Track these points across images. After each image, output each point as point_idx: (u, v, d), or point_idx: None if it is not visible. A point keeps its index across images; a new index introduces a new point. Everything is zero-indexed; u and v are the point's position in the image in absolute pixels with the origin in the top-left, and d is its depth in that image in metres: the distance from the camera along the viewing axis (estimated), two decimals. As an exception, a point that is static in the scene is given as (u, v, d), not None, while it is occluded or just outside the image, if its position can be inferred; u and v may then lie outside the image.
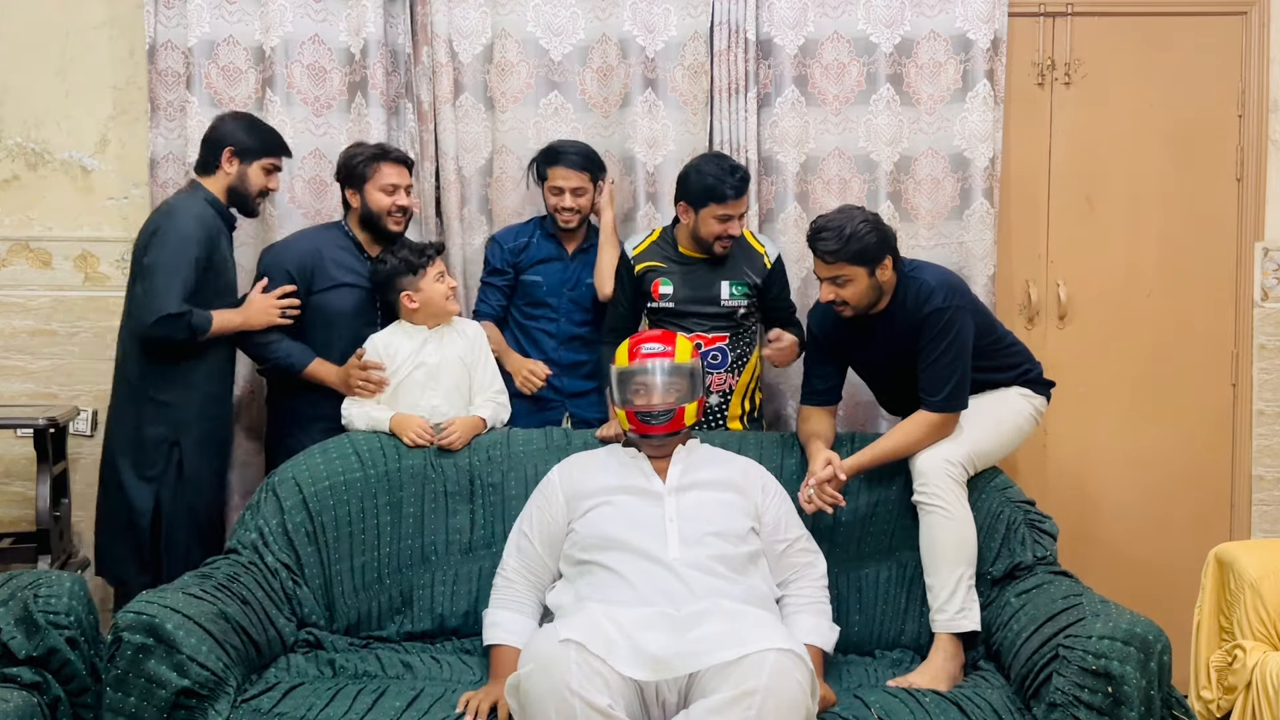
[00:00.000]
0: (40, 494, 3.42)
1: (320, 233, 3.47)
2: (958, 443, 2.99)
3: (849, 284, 2.97)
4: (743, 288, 3.38)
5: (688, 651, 2.40)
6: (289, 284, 3.32)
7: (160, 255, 3.15)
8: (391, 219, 3.37)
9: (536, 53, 3.69)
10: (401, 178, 3.38)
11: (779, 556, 2.86)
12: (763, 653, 2.31)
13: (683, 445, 2.97)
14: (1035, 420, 3.15)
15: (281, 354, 3.32)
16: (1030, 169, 3.87)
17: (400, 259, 3.27)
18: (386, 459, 3.12)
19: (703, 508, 2.80)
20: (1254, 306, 3.88)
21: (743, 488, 2.89)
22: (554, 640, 2.36)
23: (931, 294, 2.97)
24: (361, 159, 3.37)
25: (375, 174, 3.35)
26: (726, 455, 3.01)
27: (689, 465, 2.92)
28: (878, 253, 2.95)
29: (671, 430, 2.92)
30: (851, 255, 2.93)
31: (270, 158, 3.34)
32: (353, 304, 3.39)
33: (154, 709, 2.40)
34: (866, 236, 2.93)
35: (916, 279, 3.02)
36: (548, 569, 2.87)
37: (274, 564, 2.91)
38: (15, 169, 3.80)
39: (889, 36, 3.68)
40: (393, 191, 3.35)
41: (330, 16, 3.66)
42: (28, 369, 3.81)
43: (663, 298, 3.39)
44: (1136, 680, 2.36)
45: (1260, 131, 3.84)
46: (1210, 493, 3.93)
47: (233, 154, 3.31)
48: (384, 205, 3.35)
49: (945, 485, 2.92)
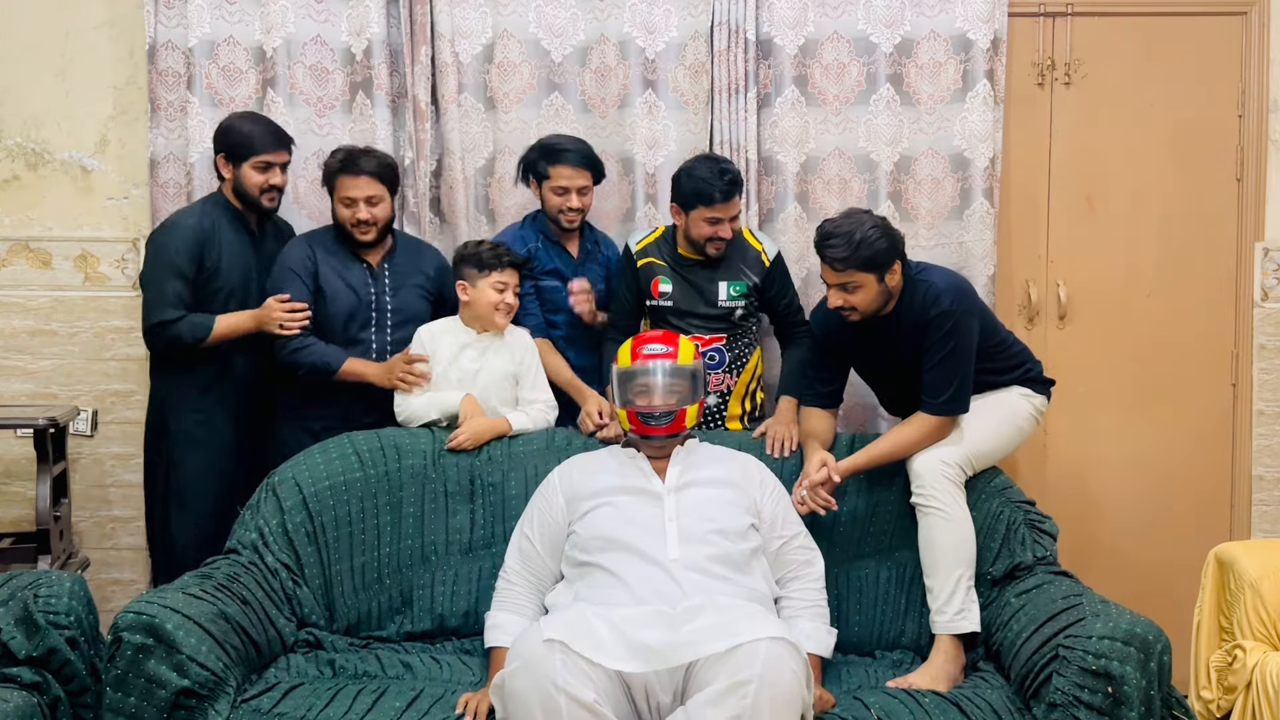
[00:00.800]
0: (40, 494, 3.41)
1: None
2: (956, 444, 2.99)
3: (858, 290, 2.94)
4: (741, 287, 3.37)
5: (681, 642, 2.40)
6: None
7: (146, 268, 3.36)
8: (358, 229, 3.33)
9: (537, 53, 3.69)
10: (360, 189, 3.30)
11: (776, 554, 2.86)
12: (755, 642, 2.32)
13: (681, 445, 2.96)
14: (1035, 420, 3.15)
15: (317, 357, 3.28)
16: (1030, 169, 3.87)
17: (475, 251, 3.27)
18: (386, 459, 3.12)
19: (702, 505, 2.80)
20: (1254, 306, 3.88)
21: (741, 484, 2.89)
22: (539, 638, 2.36)
23: (939, 296, 2.95)
24: (328, 170, 3.35)
25: (337, 188, 3.33)
26: (726, 452, 3.01)
27: (688, 464, 2.91)
28: (887, 258, 2.92)
29: (672, 432, 2.92)
30: (861, 262, 2.89)
31: (255, 157, 3.34)
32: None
33: (154, 709, 2.40)
34: (877, 243, 2.89)
35: (924, 281, 3.00)
36: (549, 570, 2.86)
37: (274, 564, 2.91)
38: (15, 169, 3.80)
39: (889, 36, 3.68)
40: (350, 204, 3.31)
41: (332, 17, 3.66)
42: (28, 369, 3.81)
43: (662, 296, 3.39)
44: (1136, 680, 2.36)
45: (1260, 131, 3.84)
46: (1210, 493, 3.93)
47: (224, 159, 3.37)
48: (344, 217, 3.33)
49: (943, 487, 2.92)
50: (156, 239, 3.37)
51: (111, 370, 3.81)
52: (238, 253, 3.38)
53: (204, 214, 3.36)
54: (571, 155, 3.40)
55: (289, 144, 3.44)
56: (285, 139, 3.43)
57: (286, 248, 3.41)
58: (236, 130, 3.37)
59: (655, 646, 2.41)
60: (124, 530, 3.85)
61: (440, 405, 3.22)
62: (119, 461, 3.83)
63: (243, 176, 3.35)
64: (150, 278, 3.32)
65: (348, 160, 3.32)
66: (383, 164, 3.33)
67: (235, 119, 3.42)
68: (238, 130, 3.37)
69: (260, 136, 3.36)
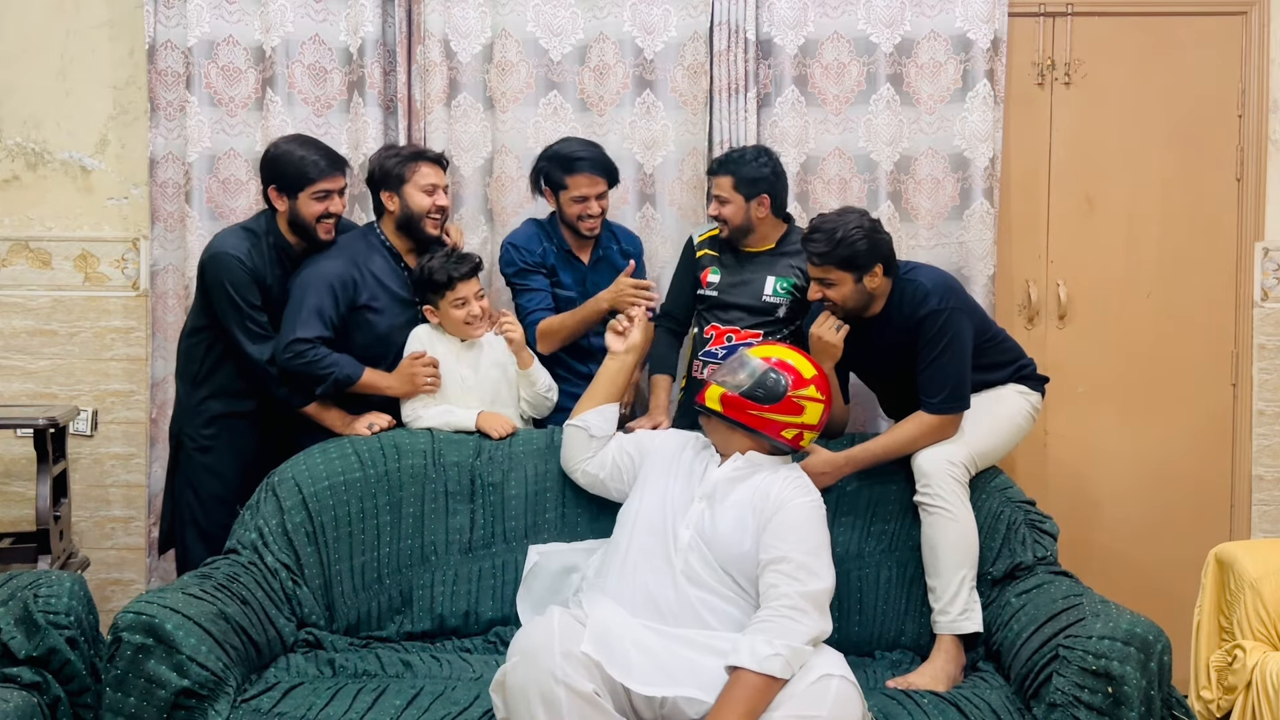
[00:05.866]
0: (40, 494, 3.41)
1: (355, 244, 3.29)
2: (959, 443, 2.98)
3: (834, 287, 3.00)
4: (788, 284, 3.36)
5: (664, 678, 2.41)
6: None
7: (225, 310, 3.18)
8: (430, 220, 3.27)
9: (536, 52, 3.69)
10: (439, 177, 3.29)
11: (759, 576, 2.60)
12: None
13: (742, 453, 2.78)
14: (1032, 418, 3.15)
15: (340, 371, 3.16)
16: (1030, 169, 3.87)
17: (427, 273, 3.22)
18: (386, 459, 3.12)
19: (720, 524, 2.66)
20: (1254, 306, 3.88)
21: (760, 509, 2.67)
22: (539, 631, 2.36)
23: (927, 296, 2.97)
24: (399, 159, 3.27)
25: (414, 174, 3.25)
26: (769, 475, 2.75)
27: (733, 476, 2.74)
28: (866, 261, 2.96)
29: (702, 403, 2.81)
30: (838, 260, 2.95)
31: (312, 185, 3.16)
32: (400, 320, 3.29)
33: (154, 709, 2.40)
34: (857, 243, 2.93)
35: (912, 281, 3.02)
36: (628, 457, 2.96)
37: (274, 564, 2.91)
38: (15, 169, 3.80)
39: (889, 36, 3.68)
40: (432, 191, 3.26)
41: (330, 16, 3.66)
42: (28, 369, 3.81)
43: (709, 285, 3.39)
44: (1136, 680, 2.36)
45: (1260, 131, 3.84)
46: (1210, 493, 3.93)
47: (277, 191, 3.20)
48: (424, 206, 3.26)
49: (948, 486, 2.92)
50: (214, 276, 3.17)
51: (111, 370, 3.81)
52: (280, 292, 3.24)
53: (253, 249, 3.19)
54: (587, 164, 3.32)
55: (344, 166, 3.27)
56: (341, 162, 3.25)
57: (329, 278, 3.17)
58: (287, 158, 3.17)
59: (640, 674, 2.40)
60: (124, 530, 3.86)
61: (455, 425, 3.22)
62: (119, 461, 3.84)
63: (300, 207, 3.17)
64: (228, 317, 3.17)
65: (415, 149, 3.31)
66: (442, 155, 3.36)
67: (284, 144, 3.23)
68: (289, 158, 3.17)
69: (315, 163, 3.17)
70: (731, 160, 3.33)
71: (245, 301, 3.15)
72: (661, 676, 2.41)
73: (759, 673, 2.36)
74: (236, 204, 3.65)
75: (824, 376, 2.84)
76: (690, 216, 3.71)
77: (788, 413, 2.74)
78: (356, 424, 3.20)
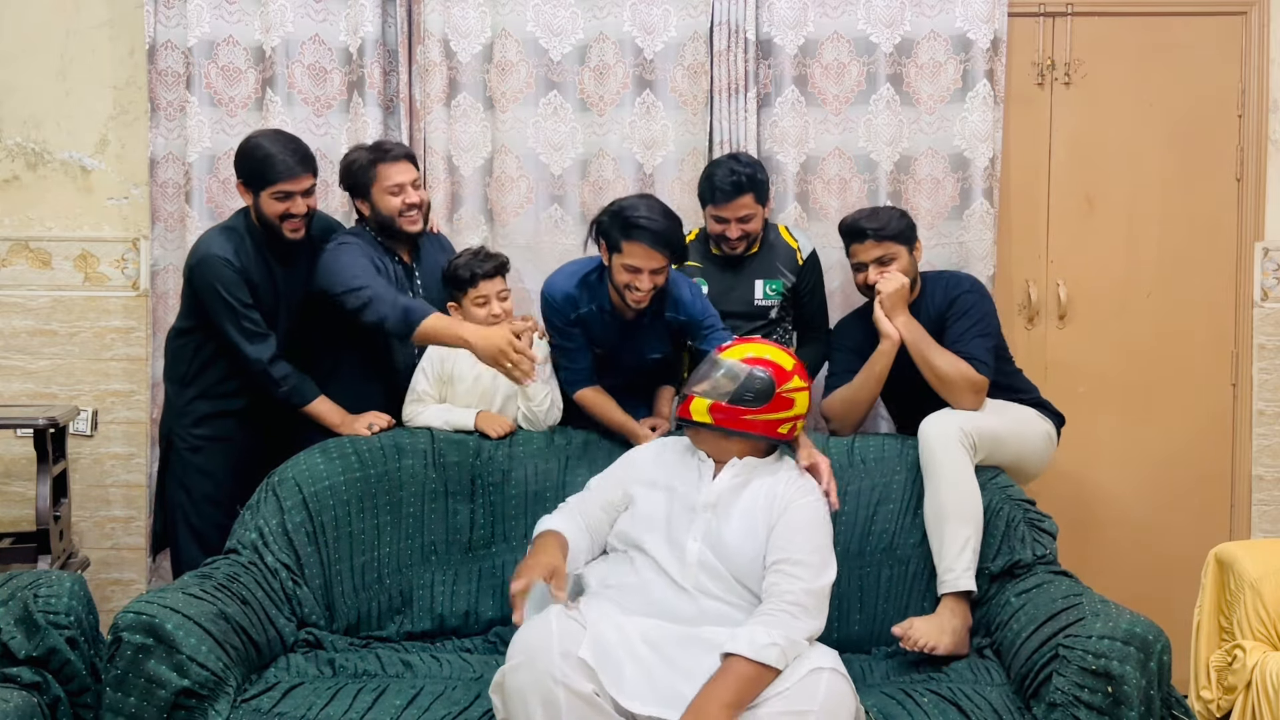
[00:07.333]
0: (40, 494, 3.42)
1: (359, 237, 3.29)
2: (971, 418, 3.04)
3: (896, 260, 3.20)
4: (778, 286, 3.38)
5: (652, 697, 2.37)
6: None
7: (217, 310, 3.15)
8: (405, 219, 3.26)
9: (536, 52, 3.69)
10: (405, 174, 3.26)
11: (765, 575, 2.60)
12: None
13: (739, 458, 2.74)
14: (1049, 442, 3.23)
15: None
16: (1030, 169, 3.87)
17: (452, 269, 3.24)
18: (386, 459, 3.12)
19: (728, 534, 2.64)
20: (1254, 306, 3.88)
21: (769, 511, 2.67)
22: (538, 631, 2.35)
23: (961, 280, 3.28)
24: (360, 165, 3.26)
25: (377, 178, 3.24)
26: (769, 478, 2.74)
27: (733, 484, 2.71)
28: (912, 233, 3.27)
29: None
30: (895, 233, 3.20)
31: (271, 186, 3.11)
32: None
33: (154, 709, 2.40)
34: (904, 217, 3.27)
35: (944, 275, 3.33)
36: (602, 522, 2.76)
37: (274, 564, 2.90)
38: (15, 169, 3.80)
39: (889, 36, 3.69)
40: (399, 191, 3.25)
41: (330, 16, 3.66)
42: (28, 369, 3.81)
43: None
44: (1136, 680, 2.36)
45: (1260, 131, 3.84)
46: (1210, 493, 3.93)
47: (242, 186, 3.19)
48: (394, 207, 3.25)
49: (953, 450, 2.95)
50: (200, 279, 3.15)
51: (111, 370, 3.81)
52: (269, 288, 3.23)
53: (238, 249, 3.16)
54: (648, 235, 2.94)
55: (313, 166, 3.17)
56: (309, 161, 3.15)
57: (353, 258, 3.16)
58: (254, 153, 3.12)
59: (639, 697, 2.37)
60: (124, 530, 3.86)
61: (454, 424, 3.22)
62: (119, 461, 3.84)
63: (261, 204, 3.14)
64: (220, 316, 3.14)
65: (376, 150, 3.27)
66: (407, 150, 3.33)
67: (256, 139, 3.17)
68: (256, 153, 3.12)
69: (278, 162, 3.09)
70: (743, 177, 3.32)
71: (238, 301, 3.15)
72: (651, 695, 2.37)
73: (753, 660, 2.35)
74: (236, 204, 3.61)
75: (801, 363, 2.80)
76: (691, 217, 3.69)
77: (780, 409, 2.72)
78: (356, 424, 3.20)
